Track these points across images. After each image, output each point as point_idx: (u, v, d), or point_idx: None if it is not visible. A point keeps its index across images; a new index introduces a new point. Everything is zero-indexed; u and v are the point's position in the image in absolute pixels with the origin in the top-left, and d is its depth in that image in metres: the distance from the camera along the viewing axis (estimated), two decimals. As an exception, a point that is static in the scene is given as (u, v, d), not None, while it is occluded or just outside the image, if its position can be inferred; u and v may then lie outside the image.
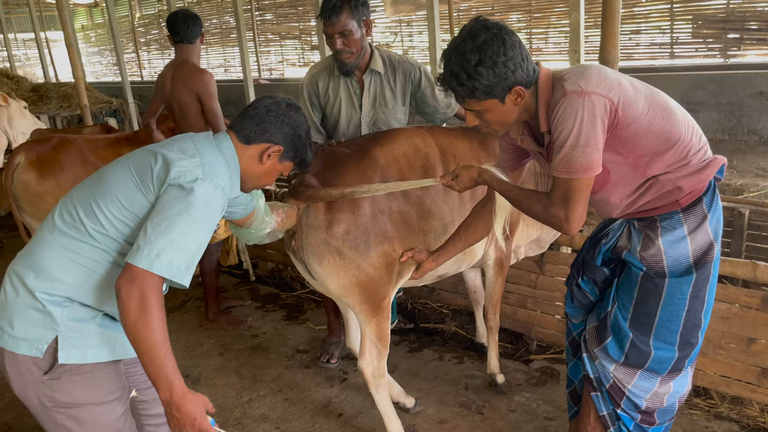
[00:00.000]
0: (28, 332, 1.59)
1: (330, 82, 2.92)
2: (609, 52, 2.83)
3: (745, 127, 6.92)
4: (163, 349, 1.51)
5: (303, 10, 12.85)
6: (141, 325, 1.48)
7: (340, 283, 2.40)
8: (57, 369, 1.60)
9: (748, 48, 8.02)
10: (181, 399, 1.53)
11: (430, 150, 2.60)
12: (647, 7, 8.78)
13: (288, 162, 1.86)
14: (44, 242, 1.63)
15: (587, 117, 1.64)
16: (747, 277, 2.64)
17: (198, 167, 1.62)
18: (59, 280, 1.60)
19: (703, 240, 1.79)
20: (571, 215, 1.72)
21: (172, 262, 1.51)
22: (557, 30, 9.64)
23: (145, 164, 1.64)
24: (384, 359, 2.53)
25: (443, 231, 2.58)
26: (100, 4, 17.69)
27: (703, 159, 1.79)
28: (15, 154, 3.53)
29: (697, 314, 1.84)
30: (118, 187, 1.62)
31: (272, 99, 1.82)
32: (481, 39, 1.66)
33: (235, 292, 4.45)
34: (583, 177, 1.68)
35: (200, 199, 1.57)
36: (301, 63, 13.12)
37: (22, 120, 5.45)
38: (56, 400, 1.63)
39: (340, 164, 2.44)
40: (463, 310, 3.70)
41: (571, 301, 2.15)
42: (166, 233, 1.51)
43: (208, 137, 1.77)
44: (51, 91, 8.65)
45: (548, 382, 3.04)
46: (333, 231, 2.35)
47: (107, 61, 19.06)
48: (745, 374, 2.63)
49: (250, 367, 3.38)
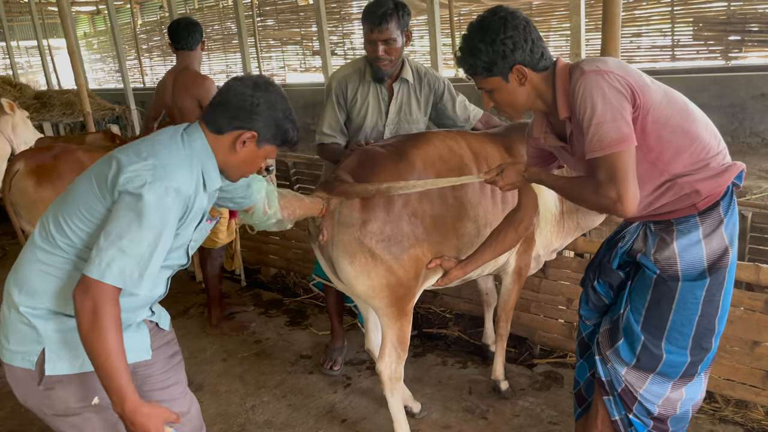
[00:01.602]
0: (20, 346, 1.63)
1: (360, 86, 2.92)
2: (610, 56, 2.83)
3: (748, 129, 6.92)
4: (116, 361, 1.50)
5: (304, 15, 12.89)
6: (92, 336, 1.49)
7: (370, 284, 2.36)
8: (48, 379, 1.63)
9: (750, 50, 8.02)
10: (133, 413, 1.53)
11: (464, 152, 2.57)
12: (648, 9, 8.78)
13: (268, 146, 1.75)
14: (25, 257, 1.67)
15: (609, 92, 1.66)
16: (750, 280, 2.63)
17: (149, 170, 1.57)
18: (38, 294, 1.62)
19: (718, 245, 1.78)
20: (623, 193, 1.65)
21: (123, 271, 1.51)
22: (558, 33, 9.66)
23: (103, 171, 1.62)
24: (402, 363, 2.51)
25: (477, 234, 2.54)
26: (102, 12, 17.77)
27: (722, 163, 1.79)
28: (15, 161, 3.54)
29: (711, 319, 1.83)
30: (79, 198, 1.62)
31: (240, 81, 1.72)
32: (486, 21, 1.80)
33: (238, 297, 4.45)
34: (620, 150, 1.65)
35: (149, 205, 1.53)
36: (302, 69, 13.15)
37: (26, 129, 5.47)
38: (54, 408, 1.66)
39: (376, 163, 2.41)
40: (467, 315, 3.70)
41: (586, 303, 2.14)
42: (116, 242, 1.50)
43: (174, 133, 1.71)
44: (54, 98, 8.68)
45: (552, 386, 3.04)
46: (367, 230, 2.31)
47: (109, 68, 19.12)
48: (750, 377, 2.63)
49: (254, 373, 3.38)
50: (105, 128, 7.83)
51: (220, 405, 3.09)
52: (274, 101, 1.72)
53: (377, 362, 2.51)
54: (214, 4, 15.68)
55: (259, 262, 4.77)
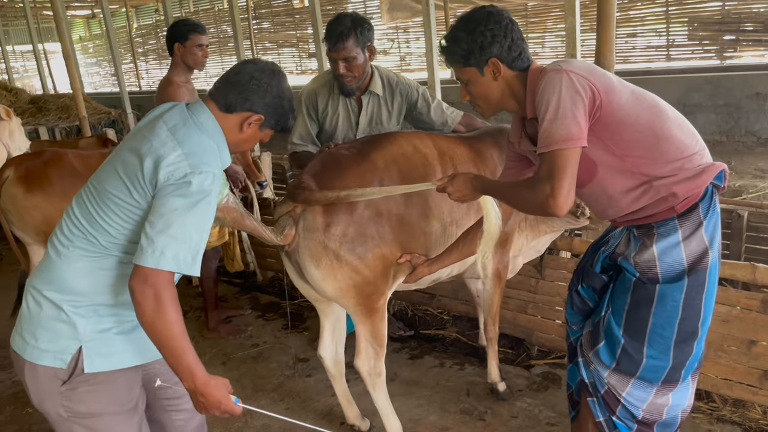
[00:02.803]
0: (51, 344, 1.64)
1: (329, 99, 2.96)
2: (605, 56, 2.84)
3: (743, 129, 6.93)
4: (182, 341, 1.56)
5: (300, 18, 12.90)
6: (159, 321, 1.53)
7: (337, 285, 2.41)
8: (75, 379, 1.65)
9: (744, 49, 8.04)
10: (204, 386, 1.59)
11: (429, 151, 2.60)
12: (643, 10, 8.81)
13: (268, 130, 1.82)
14: (60, 256, 1.67)
15: (565, 90, 1.69)
16: (747, 279, 2.64)
17: (183, 161, 1.61)
18: (81, 292, 1.65)
19: (697, 246, 1.77)
20: (557, 189, 1.67)
21: (177, 256, 1.55)
22: (553, 34, 9.68)
23: (133, 167, 1.64)
24: (381, 359, 2.54)
25: (443, 233, 2.58)
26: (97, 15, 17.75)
27: (700, 164, 1.78)
28: (5, 168, 3.52)
29: (693, 323, 1.81)
30: (110, 197, 1.64)
31: (255, 65, 1.77)
32: (471, 13, 1.88)
33: (235, 301, 4.45)
34: (563, 148, 1.68)
35: (193, 192, 1.58)
36: (298, 71, 13.16)
37: (21, 136, 5.47)
38: (73, 410, 1.67)
39: (339, 166, 2.44)
40: (464, 316, 3.70)
41: (570, 308, 2.15)
42: (166, 230, 1.54)
43: (183, 117, 1.71)
44: (49, 102, 8.68)
45: (550, 387, 3.04)
46: (331, 233, 2.34)
47: (105, 72, 19.10)
48: (747, 377, 2.63)
49: (251, 377, 3.38)
50: (101, 132, 7.83)
51: (218, 409, 3.08)
52: (284, 90, 1.78)
53: (355, 359, 2.54)
54: (210, 6, 15.68)
55: (257, 266, 4.76)
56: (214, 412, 1.62)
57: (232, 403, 1.64)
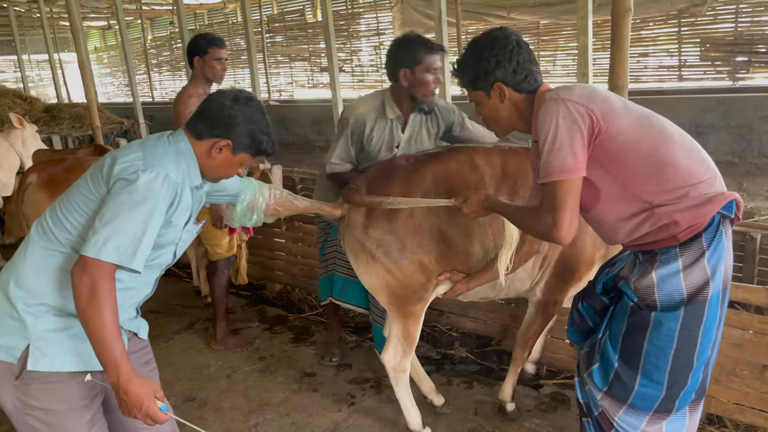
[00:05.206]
0: (3, 339, 1.70)
1: (376, 122, 2.93)
2: (618, 77, 2.83)
3: (755, 150, 6.90)
4: (111, 333, 1.60)
5: (312, 32, 13.01)
6: (90, 309, 1.58)
7: (371, 281, 2.61)
8: (26, 375, 1.70)
9: (757, 71, 8.04)
10: (127, 383, 1.61)
11: (490, 170, 2.56)
12: (655, 30, 8.83)
13: (243, 154, 1.88)
14: (23, 253, 1.76)
15: (563, 121, 1.71)
16: (760, 303, 2.61)
17: (139, 160, 1.72)
18: (35, 289, 1.71)
19: (698, 277, 1.72)
20: (559, 221, 1.71)
21: (119, 248, 1.61)
22: (565, 53, 9.71)
23: (97, 167, 1.77)
24: (407, 358, 2.67)
25: (483, 257, 2.57)
26: (113, 27, 17.98)
27: (707, 192, 1.73)
28: (27, 174, 3.56)
29: (688, 354, 1.76)
30: (76, 194, 1.76)
31: (222, 94, 1.87)
32: (479, 39, 1.93)
33: (242, 313, 4.44)
34: (560, 179, 1.70)
35: (141, 187, 1.66)
36: (310, 85, 13.26)
37: (35, 143, 5.52)
38: (26, 403, 1.73)
39: (390, 175, 2.58)
40: (473, 334, 3.67)
41: (571, 325, 2.16)
42: (111, 222, 1.62)
43: (161, 136, 1.87)
44: (63, 111, 8.75)
45: (558, 408, 3.00)
46: (368, 233, 2.53)
47: (119, 82, 19.33)
48: (759, 402, 2.59)
49: (258, 390, 3.36)
50: (114, 142, 7.89)
51: (224, 422, 3.06)
52: (251, 114, 1.85)
53: (382, 353, 2.69)
54: (224, 20, 15.87)
55: (265, 278, 4.76)
56: (135, 414, 1.63)
57: (155, 407, 1.64)
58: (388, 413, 3.05)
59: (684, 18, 8.35)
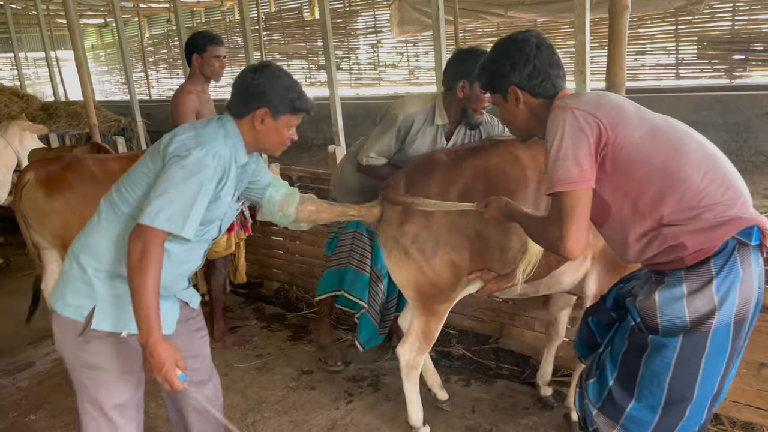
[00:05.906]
0: (74, 299, 1.90)
1: (423, 126, 2.90)
2: (616, 75, 2.82)
3: (752, 148, 6.91)
4: (150, 295, 1.74)
5: (310, 30, 12.99)
6: (137, 270, 1.74)
7: (401, 276, 2.60)
8: (88, 333, 1.89)
9: (754, 69, 8.05)
10: (155, 344, 1.74)
11: (533, 163, 2.46)
12: (652, 28, 8.83)
13: (284, 115, 2.00)
14: (94, 225, 1.95)
15: (568, 129, 1.67)
16: (757, 301, 2.61)
17: (192, 139, 1.89)
18: (102, 256, 1.90)
19: (703, 305, 1.62)
20: (565, 233, 1.66)
21: (170, 218, 1.77)
22: (563, 51, 9.70)
23: (155, 147, 1.95)
24: (422, 355, 2.67)
25: (522, 249, 2.47)
26: (110, 24, 17.93)
27: (722, 216, 1.62)
28: (25, 172, 3.55)
29: (686, 385, 1.68)
30: (137, 171, 1.95)
31: (244, 72, 2.01)
32: (500, 42, 1.93)
33: (240, 311, 4.44)
34: (564, 191, 1.66)
35: (192, 163, 1.82)
36: (307, 83, 13.23)
37: (33, 142, 5.51)
38: (82, 359, 1.95)
39: (429, 171, 2.55)
40: (470, 332, 3.68)
41: (579, 337, 2.12)
42: (164, 194, 1.78)
43: (210, 120, 2.03)
44: (60, 109, 8.71)
45: (556, 405, 3.01)
46: (403, 230, 2.52)
47: (116, 80, 19.27)
48: (756, 399, 2.60)
49: (255, 388, 3.36)
50: (111, 140, 7.86)
51: (221, 420, 3.06)
52: (273, 77, 1.98)
53: (399, 345, 2.70)
54: (221, 18, 15.84)
55: (262, 276, 4.76)
56: (155, 374, 1.76)
57: (174, 373, 1.77)
58: (385, 410, 3.06)
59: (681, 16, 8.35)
